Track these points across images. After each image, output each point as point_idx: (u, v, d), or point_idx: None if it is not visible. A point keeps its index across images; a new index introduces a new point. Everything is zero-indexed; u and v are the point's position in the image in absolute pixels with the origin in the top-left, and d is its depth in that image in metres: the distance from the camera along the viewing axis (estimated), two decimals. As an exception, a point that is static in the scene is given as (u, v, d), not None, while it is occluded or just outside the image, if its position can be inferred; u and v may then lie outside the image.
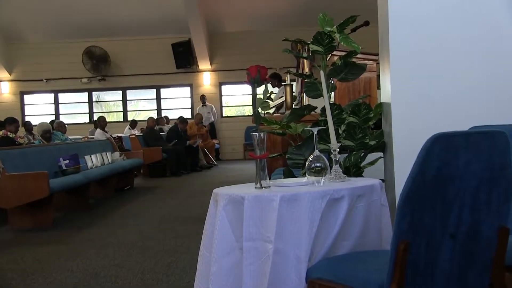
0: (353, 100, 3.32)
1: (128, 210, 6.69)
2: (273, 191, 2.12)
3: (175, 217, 5.95)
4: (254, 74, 2.20)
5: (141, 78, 15.48)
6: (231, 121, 15.60)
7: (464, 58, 2.76)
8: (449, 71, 2.77)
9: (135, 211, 6.52)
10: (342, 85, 4.10)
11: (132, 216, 6.16)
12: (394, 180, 2.75)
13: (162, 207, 6.73)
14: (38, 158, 6.28)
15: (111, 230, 5.33)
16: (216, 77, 15.66)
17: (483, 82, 2.76)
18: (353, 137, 2.90)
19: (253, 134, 2.20)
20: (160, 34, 15.22)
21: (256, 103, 2.24)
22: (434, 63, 2.78)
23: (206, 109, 15.00)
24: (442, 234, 1.61)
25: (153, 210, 6.51)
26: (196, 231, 4.98)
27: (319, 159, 2.21)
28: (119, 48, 15.39)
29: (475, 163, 1.61)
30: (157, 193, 8.32)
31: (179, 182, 9.88)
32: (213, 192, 2.27)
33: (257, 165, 2.20)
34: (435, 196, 1.58)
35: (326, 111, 2.44)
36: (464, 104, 2.75)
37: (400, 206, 1.56)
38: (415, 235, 1.57)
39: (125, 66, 15.48)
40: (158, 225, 5.51)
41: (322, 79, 2.50)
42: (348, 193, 2.04)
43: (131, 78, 15.52)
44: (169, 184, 9.61)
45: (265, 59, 14.46)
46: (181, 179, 10.43)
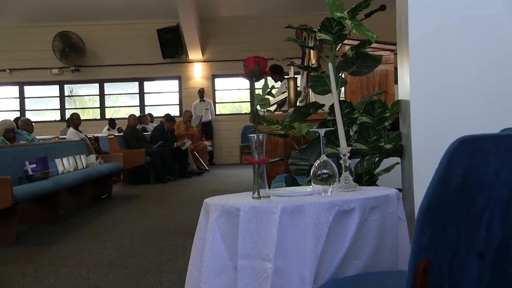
0: (366, 97, 3.33)
1: (105, 222, 6.69)
2: (273, 201, 2.13)
3: (160, 230, 5.95)
4: (252, 67, 2.21)
5: (122, 69, 15.50)
6: (226, 120, 15.62)
7: (498, 49, 2.76)
8: (478, 63, 2.77)
9: (114, 224, 6.51)
10: (354, 80, 4.11)
11: (110, 229, 6.16)
12: (413, 189, 2.76)
13: (145, 219, 6.73)
14: (0, 162, 6.27)
15: (86, 245, 5.33)
16: (209, 68, 15.68)
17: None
18: (366, 140, 2.91)
19: (251, 136, 2.21)
20: (143, 18, 15.23)
21: (254, 100, 2.25)
22: (461, 54, 2.78)
23: (204, 105, 15.00)
24: (468, 252, 1.61)
25: (135, 222, 6.51)
26: (183, 247, 4.98)
27: (327, 165, 2.22)
28: (96, 34, 15.40)
29: (506, 170, 1.62)
30: (139, 203, 8.32)
31: (165, 190, 9.87)
32: (204, 202, 2.27)
33: (255, 171, 2.21)
34: (460, 208, 1.58)
35: (335, 110, 2.44)
36: (495, 103, 2.76)
37: (420, 220, 1.57)
38: (436, 253, 1.57)
39: (103, 55, 15.49)
40: (140, 239, 5.51)
41: (330, 73, 2.52)
42: (360, 205, 2.05)
43: (109, 69, 15.53)
44: (154, 192, 9.60)
45: (265, 49, 14.50)
46: (167, 187, 10.42)
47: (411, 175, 2.80)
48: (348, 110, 2.91)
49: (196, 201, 7.51)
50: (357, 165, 2.88)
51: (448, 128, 2.73)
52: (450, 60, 2.79)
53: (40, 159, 6.71)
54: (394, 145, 3.00)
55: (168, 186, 10.51)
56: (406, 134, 2.94)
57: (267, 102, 2.24)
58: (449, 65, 2.79)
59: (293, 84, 5.46)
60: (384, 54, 4.20)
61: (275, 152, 4.49)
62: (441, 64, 2.79)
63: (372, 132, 2.91)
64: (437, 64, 2.79)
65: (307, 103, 5.86)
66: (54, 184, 6.59)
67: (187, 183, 10.94)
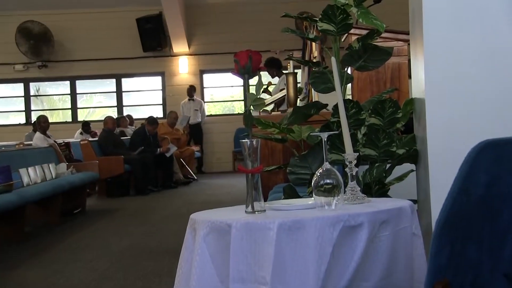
0: (375, 95, 3.33)
1: (78, 240, 6.67)
2: (270, 216, 2.13)
3: (140, 249, 5.94)
4: (244, 62, 2.21)
5: (96, 64, 15.49)
6: (216, 122, 15.63)
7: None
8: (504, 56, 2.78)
9: (88, 242, 6.49)
10: (361, 75, 4.12)
11: (84, 248, 6.14)
12: (429, 200, 2.77)
13: (124, 237, 6.71)
14: (-43, 172, 6.25)
15: (56, 268, 5.32)
16: (196, 63, 15.68)
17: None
18: (375, 144, 2.92)
19: (243, 142, 2.22)
20: (120, 5, 15.24)
21: (247, 100, 2.25)
22: (484, 44, 2.78)
23: (193, 105, 14.98)
24: (492, 272, 1.62)
25: (112, 241, 6.50)
26: (168, 269, 4.97)
27: (330, 174, 2.22)
28: (65, 24, 15.40)
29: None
30: (117, 218, 8.30)
31: (146, 203, 9.85)
32: (190, 218, 2.27)
33: (248, 182, 2.21)
34: (482, 222, 1.59)
35: (339, 110, 2.45)
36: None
37: (437, 235, 1.58)
38: (456, 273, 1.58)
39: (74, 49, 15.48)
40: (118, 260, 5.50)
41: (333, 68, 2.52)
42: (369, 219, 2.06)
43: (82, 64, 15.52)
44: (134, 206, 9.58)
45: (261, 40, 14.51)
46: (149, 199, 10.41)
47: (427, 185, 2.80)
48: (354, 110, 2.91)
49: (183, 215, 7.48)
50: (366, 173, 2.88)
51: (469, 131, 2.73)
52: (472, 51, 2.78)
53: (2, 169, 6.69)
54: (408, 150, 3.00)
55: (150, 199, 10.49)
56: (421, 138, 2.95)
57: (262, 102, 2.24)
58: (470, 57, 2.78)
59: (292, 80, 5.45)
60: (396, 45, 4.21)
61: (272, 159, 4.50)
62: (461, 56, 2.79)
63: (382, 135, 2.92)
64: (456, 56, 2.79)
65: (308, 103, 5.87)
66: (19, 197, 6.57)
67: (172, 194, 10.92)
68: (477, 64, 2.78)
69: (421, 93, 2.92)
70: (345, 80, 2.97)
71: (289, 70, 5.87)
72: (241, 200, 2.34)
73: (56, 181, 8.00)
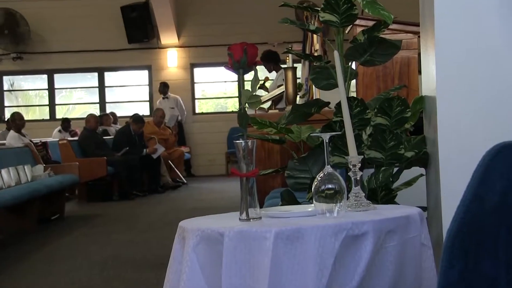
0: (382, 92, 3.34)
1: (56, 249, 6.66)
2: (266, 224, 2.13)
3: (124, 260, 5.94)
4: (239, 56, 2.21)
5: (76, 56, 15.47)
6: (208, 120, 15.63)
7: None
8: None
9: (67, 252, 6.49)
10: (367, 71, 4.13)
11: (63, 258, 6.13)
12: (440, 208, 2.77)
13: (106, 246, 6.71)
14: None
15: (31, 280, 5.31)
16: (186, 56, 15.68)
17: None
18: (381, 146, 2.92)
19: (237, 143, 2.22)
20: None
21: (242, 97, 2.25)
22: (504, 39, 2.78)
23: (168, 103, 14.96)
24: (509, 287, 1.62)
25: (93, 250, 6.49)
26: (154, 281, 4.97)
27: (332, 179, 2.22)
28: (43, 12, 15.38)
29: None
30: (98, 225, 8.29)
31: (131, 209, 9.85)
32: (179, 226, 2.27)
33: (243, 186, 2.21)
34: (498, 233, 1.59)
35: (342, 109, 2.45)
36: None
37: (449, 247, 1.58)
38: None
39: (53, 40, 15.46)
40: (100, 271, 5.50)
41: (336, 62, 2.52)
42: (374, 228, 2.06)
43: (61, 56, 15.50)
44: (117, 212, 9.58)
45: (257, 31, 14.52)
46: (134, 205, 10.40)
47: (438, 191, 2.81)
48: (359, 109, 2.91)
49: (171, 223, 7.47)
50: (371, 178, 2.89)
51: (485, 132, 2.73)
52: (489, 44, 2.78)
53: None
54: (417, 153, 3.01)
55: (135, 204, 10.48)
56: (431, 139, 2.95)
57: (258, 100, 2.25)
58: (487, 51, 2.78)
59: (291, 75, 5.46)
60: (406, 38, 4.21)
61: (269, 162, 4.50)
62: (476, 49, 2.79)
63: (389, 136, 2.92)
64: (471, 50, 2.79)
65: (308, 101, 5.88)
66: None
67: (159, 200, 10.91)
68: (494, 59, 2.78)
69: (432, 91, 2.92)
70: (349, 76, 2.97)
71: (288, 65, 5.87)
72: (235, 207, 2.34)
73: (32, 185, 7.98)
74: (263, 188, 4.41)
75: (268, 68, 9.69)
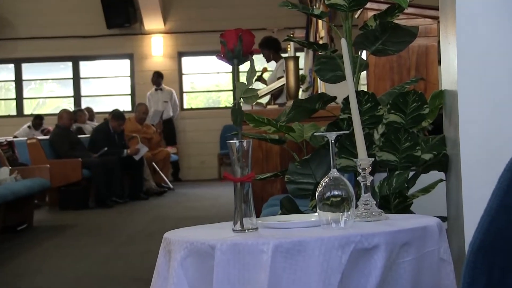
0: (396, 86, 3.34)
1: (23, 264, 6.64)
2: (263, 236, 2.14)
3: (101, 276, 5.93)
4: (233, 44, 2.22)
5: (47, 43, 15.46)
6: (198, 117, 15.62)
7: None
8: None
9: (36, 267, 6.47)
10: (379, 61, 4.13)
11: (31, 274, 6.12)
12: (462, 218, 2.77)
13: (81, 261, 6.70)
14: None
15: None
16: (173, 43, 15.68)
17: None
18: (395, 147, 2.93)
19: (231, 143, 2.22)
20: (78, -30, 15.23)
21: (236, 91, 2.26)
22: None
23: (161, 96, 14.95)
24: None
25: (66, 265, 6.48)
26: (136, 301, 4.97)
27: (339, 184, 2.22)
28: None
29: None
30: (72, 237, 8.28)
31: (109, 218, 9.84)
32: (164, 238, 2.28)
33: (237, 193, 2.22)
34: (527, 246, 1.60)
35: (350, 105, 2.46)
36: None
37: (471, 261, 1.58)
38: (494, 309, 1.59)
39: (20, 24, 15.45)
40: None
41: (344, 52, 2.53)
42: (386, 240, 2.06)
43: (29, 43, 15.48)
44: (93, 222, 9.57)
45: (254, 15, 14.52)
46: (113, 213, 10.39)
47: (459, 198, 2.81)
48: (370, 104, 2.92)
49: (155, 234, 7.47)
50: (383, 183, 2.89)
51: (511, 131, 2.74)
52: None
53: None
54: (436, 155, 3.02)
55: (114, 213, 10.47)
56: (452, 139, 2.96)
57: (254, 94, 2.25)
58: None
59: (293, 66, 5.47)
60: (423, 23, 4.22)
61: (266, 165, 4.51)
62: (504, 36, 2.79)
63: (404, 136, 2.93)
64: (498, 37, 2.79)
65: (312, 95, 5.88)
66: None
67: (141, 207, 10.90)
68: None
69: (452, 84, 2.92)
70: (358, 67, 2.97)
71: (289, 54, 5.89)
72: (228, 216, 2.34)
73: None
74: (260, 194, 4.41)
75: (267, 57, 9.69)
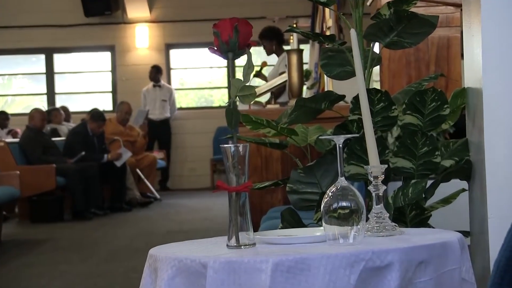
0: (413, 83, 3.34)
1: (-11, 285, 6.66)
2: (261, 253, 2.14)
3: (78, 299, 5.94)
4: (228, 35, 2.22)
5: (18, 33, 15.46)
6: (188, 117, 15.62)
7: None
8: None
9: (4, 286, 6.46)
10: (394, 55, 4.13)
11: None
12: (487, 233, 2.77)
13: (55, 280, 6.70)
14: None
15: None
16: (160, 34, 15.67)
17: None
18: (412, 153, 2.93)
19: (225, 147, 2.22)
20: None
21: (231, 88, 2.26)
22: None
23: (160, 94, 14.90)
24: None
25: (38, 285, 6.48)
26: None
27: (347, 194, 2.23)
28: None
29: None
30: (45, 253, 8.27)
31: (88, 233, 9.83)
32: (150, 254, 2.28)
33: (232, 204, 2.22)
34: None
35: (361, 104, 2.46)
36: None
37: (497, 283, 1.59)
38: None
39: (-13, 12, 15.46)
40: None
41: (353, 44, 2.53)
42: (401, 258, 2.06)
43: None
44: (69, 236, 9.56)
45: (252, 2, 14.50)
46: (91, 227, 10.38)
47: (484, 211, 2.81)
48: (383, 104, 2.92)
49: (139, 250, 7.48)
50: (398, 193, 2.89)
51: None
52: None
53: None
54: (458, 162, 3.02)
55: (93, 226, 10.46)
56: (476, 144, 2.96)
57: (252, 92, 2.25)
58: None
59: (296, 60, 5.48)
60: (445, 12, 4.22)
61: (266, 172, 4.50)
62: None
63: (421, 140, 2.93)
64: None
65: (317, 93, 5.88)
66: None
67: (124, 220, 10.89)
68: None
69: (477, 81, 2.93)
70: (370, 61, 2.97)
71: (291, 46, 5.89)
72: (222, 230, 2.34)
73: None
74: (259, 205, 4.40)
75: (267, 50, 9.67)
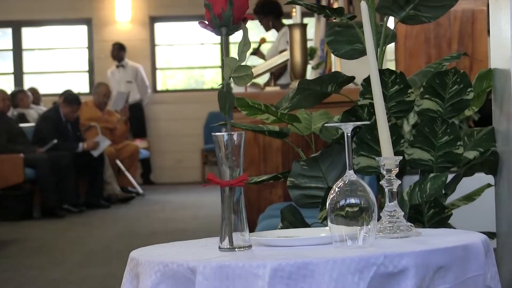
0: (432, 63, 3.34)
1: None
2: (259, 256, 2.15)
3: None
4: (221, 8, 2.22)
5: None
6: (175, 101, 15.63)
7: None
8: None
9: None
10: (411, 31, 4.14)
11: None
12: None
13: (23, 286, 6.70)
14: None
15: None
16: (144, 5, 15.69)
17: None
18: (430, 143, 2.93)
19: (218, 136, 2.23)
20: None
21: (225, 68, 2.26)
22: None
23: (124, 74, 14.95)
24: None
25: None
26: None
27: (357, 190, 2.23)
28: None
29: None
30: (12, 256, 8.29)
31: (60, 233, 9.86)
32: (131, 257, 2.29)
33: (225, 200, 2.22)
34: None
35: (372, 88, 2.46)
36: None
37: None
38: None
39: None
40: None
41: (364, 18, 2.53)
42: (417, 263, 2.07)
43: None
44: (39, 237, 9.58)
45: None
46: (65, 226, 10.41)
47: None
48: (398, 87, 2.93)
49: (119, 253, 7.50)
50: (414, 189, 2.90)
51: None
52: None
53: None
54: (483, 153, 3.02)
55: (66, 225, 10.49)
56: (504, 133, 2.97)
57: (249, 73, 2.25)
58: None
59: (299, 36, 5.48)
60: (467, -15, 4.24)
61: (264, 164, 4.51)
62: None
63: (441, 128, 2.93)
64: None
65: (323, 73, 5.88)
66: None
67: (102, 218, 10.92)
68: None
69: (505, 61, 2.93)
70: (383, 38, 2.98)
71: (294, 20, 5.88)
72: (213, 230, 2.35)
73: None
74: (256, 202, 4.40)
75: (265, 26, 9.69)
